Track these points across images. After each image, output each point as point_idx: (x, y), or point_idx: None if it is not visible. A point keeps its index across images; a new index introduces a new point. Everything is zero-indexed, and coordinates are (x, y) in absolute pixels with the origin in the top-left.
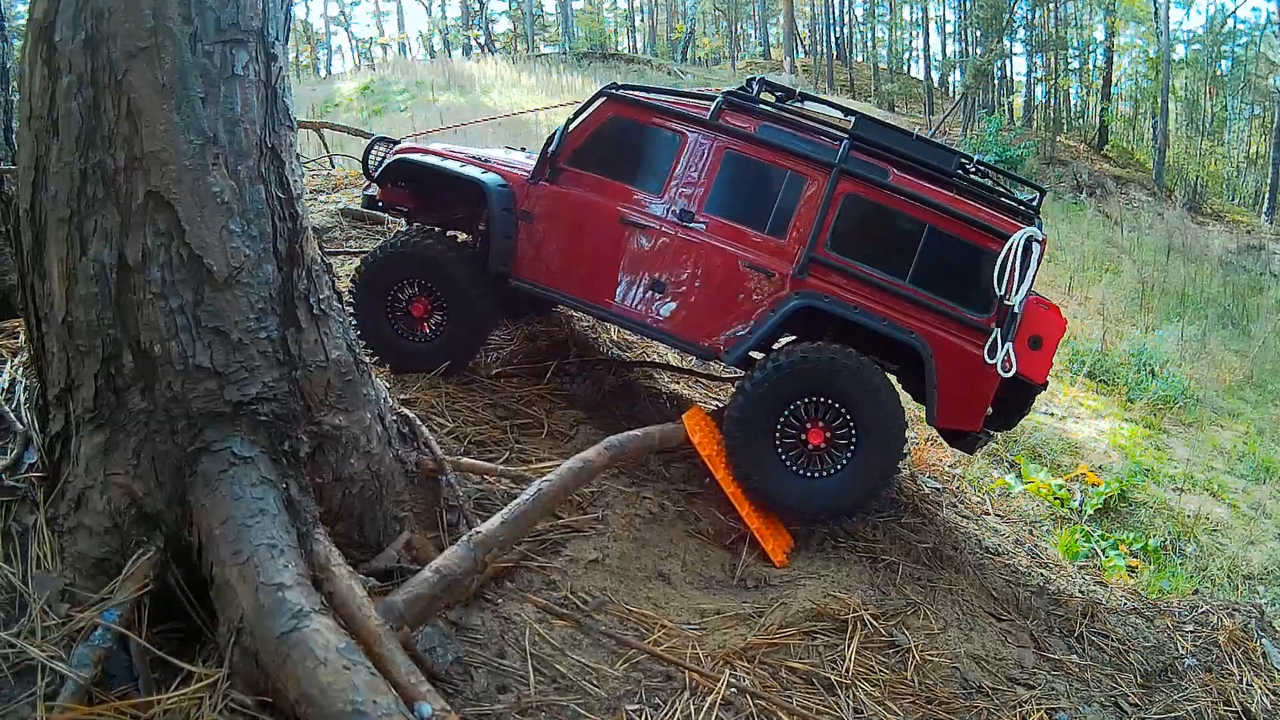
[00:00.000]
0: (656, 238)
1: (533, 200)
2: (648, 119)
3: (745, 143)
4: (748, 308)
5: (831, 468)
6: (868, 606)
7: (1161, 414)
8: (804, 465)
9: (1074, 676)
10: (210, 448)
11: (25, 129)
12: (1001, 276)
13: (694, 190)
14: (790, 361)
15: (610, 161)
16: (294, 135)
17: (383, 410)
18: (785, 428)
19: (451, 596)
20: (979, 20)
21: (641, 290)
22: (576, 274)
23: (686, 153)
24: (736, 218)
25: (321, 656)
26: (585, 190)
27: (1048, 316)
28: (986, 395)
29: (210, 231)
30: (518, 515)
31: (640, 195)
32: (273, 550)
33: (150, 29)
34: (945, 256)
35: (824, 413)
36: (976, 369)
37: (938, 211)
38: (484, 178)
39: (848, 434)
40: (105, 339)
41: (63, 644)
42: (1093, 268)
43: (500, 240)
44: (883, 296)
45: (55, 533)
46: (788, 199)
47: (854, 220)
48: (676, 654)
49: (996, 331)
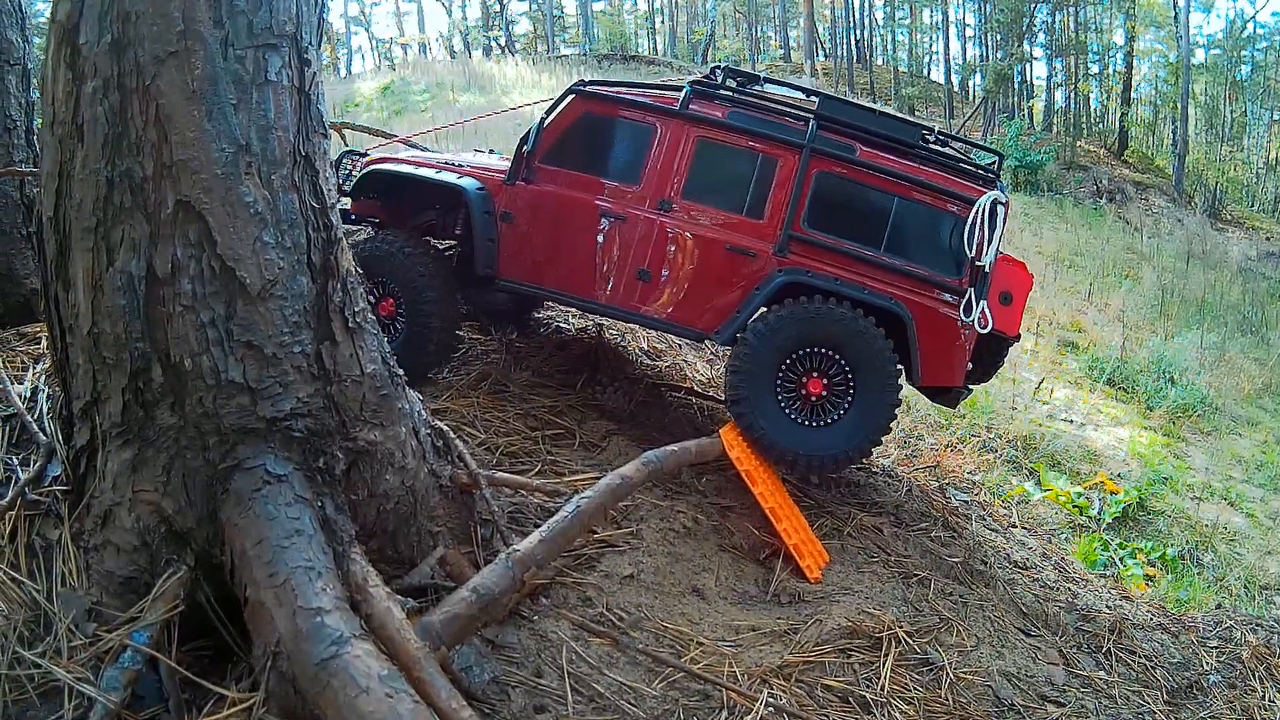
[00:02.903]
0: (637, 228)
1: (512, 201)
2: (618, 113)
3: (716, 129)
4: (733, 288)
5: (833, 415)
6: (901, 623)
7: (1180, 422)
8: (805, 414)
9: (1102, 694)
10: (243, 465)
11: (48, 133)
12: (971, 239)
13: (670, 179)
14: (788, 313)
15: (585, 157)
16: (328, 142)
17: (417, 424)
18: (785, 379)
19: (489, 616)
20: (999, 24)
21: (627, 280)
22: (561, 269)
23: (660, 143)
24: (714, 202)
25: (363, 684)
26: (563, 187)
27: (1015, 272)
28: (966, 352)
29: (243, 243)
30: (556, 532)
31: (618, 187)
32: (310, 572)
33: (180, 32)
34: (916, 224)
35: (821, 362)
36: (954, 328)
37: (905, 182)
38: (462, 182)
39: (845, 383)
40: (134, 352)
41: (90, 665)
42: (1112, 274)
43: (484, 243)
44: (860, 266)
45: (81, 549)
46: (762, 180)
47: (827, 196)
48: (714, 672)
49: (970, 291)
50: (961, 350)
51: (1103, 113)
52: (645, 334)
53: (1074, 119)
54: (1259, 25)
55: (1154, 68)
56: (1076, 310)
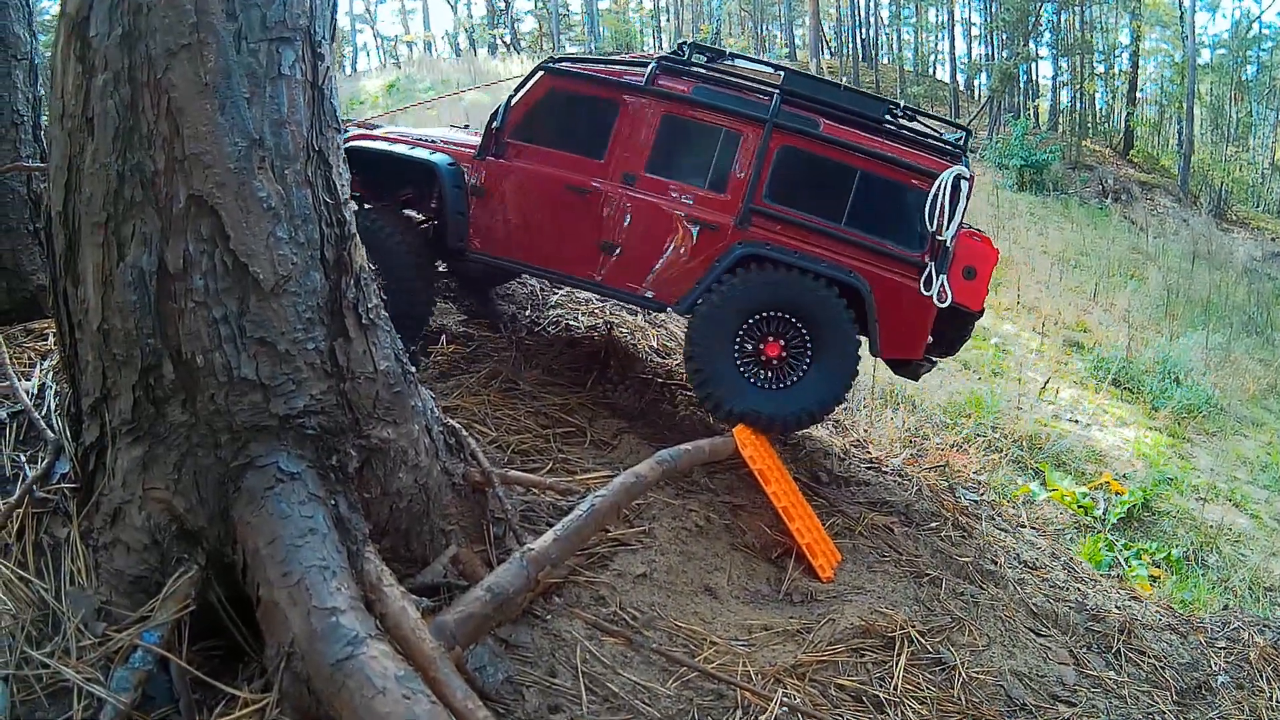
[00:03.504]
0: (602, 202)
1: (482, 175)
2: (586, 89)
3: (681, 105)
4: (694, 260)
5: (790, 378)
6: (914, 623)
7: (1185, 423)
8: (763, 378)
9: (1112, 694)
10: (255, 463)
11: (57, 127)
12: (933, 213)
13: (635, 153)
14: (745, 279)
15: (553, 132)
16: (340, 138)
17: (430, 422)
18: (744, 343)
19: (503, 615)
20: (1005, 23)
21: (592, 252)
22: (529, 242)
23: (625, 118)
24: (678, 176)
25: (380, 685)
26: (531, 162)
27: (980, 248)
28: (925, 325)
29: (256, 238)
30: (570, 531)
31: (584, 161)
32: (324, 572)
33: (192, 25)
34: (878, 198)
35: (778, 326)
36: (914, 301)
37: (867, 156)
38: (434, 158)
39: (802, 346)
40: (144, 348)
41: (99, 665)
42: (1118, 274)
43: (454, 217)
44: (821, 240)
45: (90, 547)
46: (725, 155)
47: (789, 170)
48: (727, 672)
49: (931, 265)
50: (921, 323)
51: (1108, 112)
52: (655, 332)
53: (1079, 118)
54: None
55: (1159, 67)
56: (1082, 310)
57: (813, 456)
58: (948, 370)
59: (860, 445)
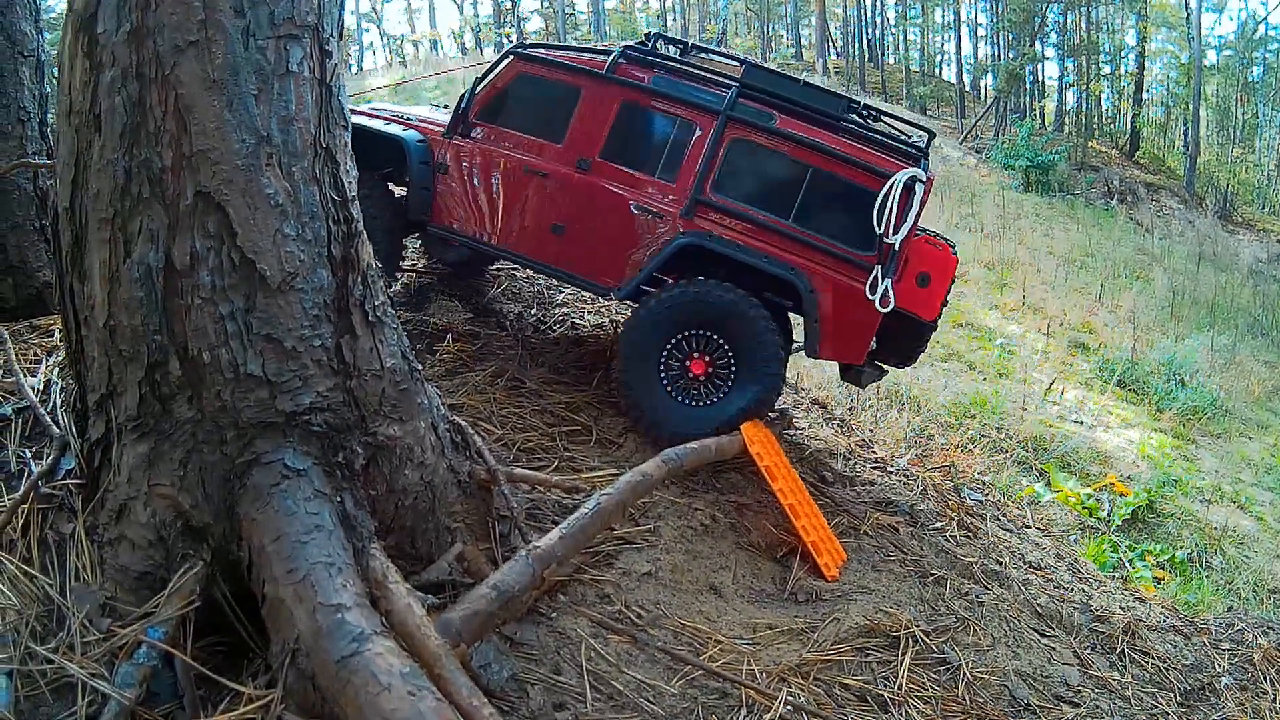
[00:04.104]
0: (556, 184)
1: (447, 154)
2: (551, 74)
3: (639, 93)
4: (638, 247)
5: (713, 396)
6: (918, 623)
7: (1190, 424)
8: (687, 394)
9: (1117, 694)
10: (261, 459)
11: (64, 124)
12: (882, 214)
13: (592, 139)
14: (669, 296)
15: (516, 115)
16: (348, 135)
17: (436, 419)
18: (670, 359)
19: (509, 613)
20: (1011, 24)
21: (542, 233)
22: (485, 220)
23: (585, 104)
24: (630, 163)
25: (385, 682)
26: (492, 143)
27: (938, 255)
28: (868, 329)
29: (263, 235)
30: (576, 529)
31: (542, 145)
32: (330, 569)
33: (200, 21)
34: (828, 196)
35: (704, 344)
36: (857, 303)
37: (820, 153)
38: (404, 134)
39: (727, 365)
40: (150, 344)
41: (104, 661)
42: (1123, 275)
43: (418, 191)
44: (768, 235)
45: (95, 543)
46: (678, 144)
47: (740, 163)
48: (732, 670)
49: (877, 268)
50: (864, 327)
51: (1114, 113)
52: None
53: (1085, 119)
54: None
55: (1165, 68)
56: (1087, 311)
57: (818, 456)
58: (953, 370)
59: (865, 445)
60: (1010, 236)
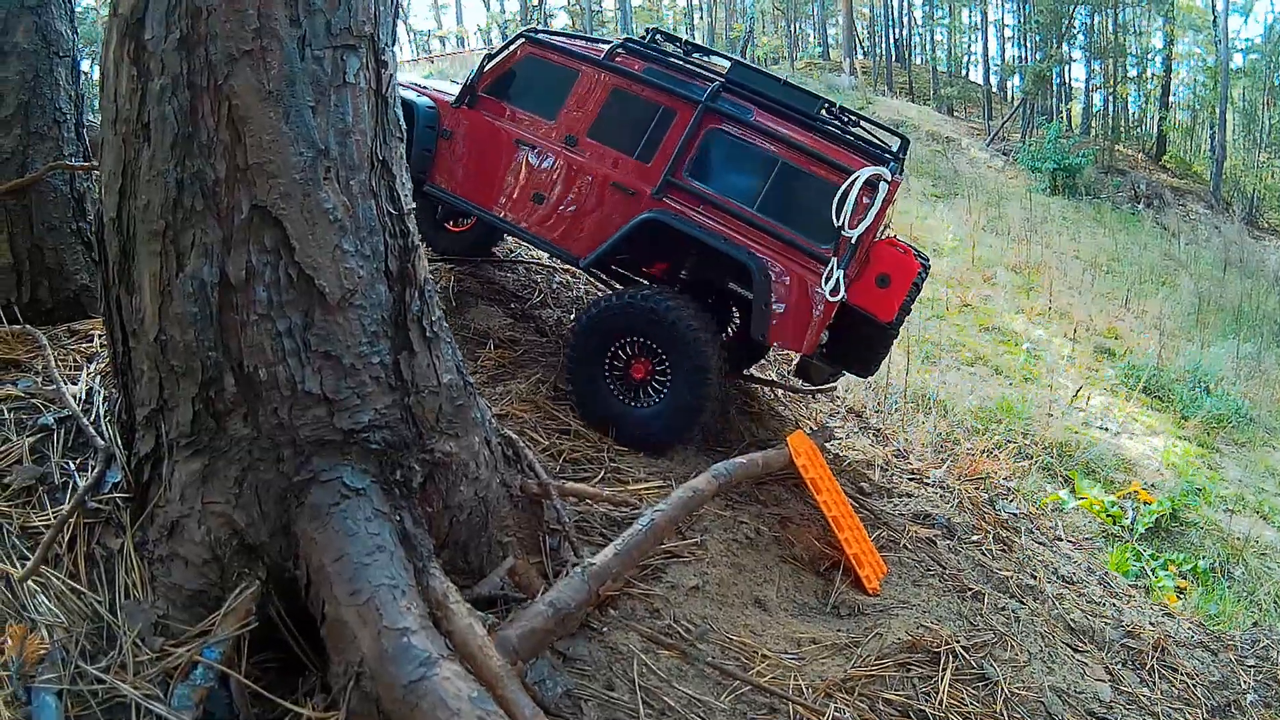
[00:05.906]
0: (543, 157)
1: (452, 121)
2: (554, 58)
3: (630, 80)
4: (607, 221)
5: (653, 399)
6: (958, 638)
7: (1215, 433)
8: (628, 396)
9: (1146, 710)
10: (319, 478)
11: (110, 131)
12: (841, 208)
13: (582, 119)
14: (608, 304)
15: (518, 92)
16: (403, 146)
17: (489, 433)
18: (613, 363)
19: (564, 630)
20: (1038, 25)
21: (524, 201)
22: (475, 185)
23: (579, 86)
24: (613, 144)
25: (455, 707)
26: (492, 115)
27: (899, 258)
28: (817, 320)
29: (322, 250)
30: (630, 546)
31: (536, 120)
32: (393, 590)
33: (255, 30)
34: (793, 188)
35: (644, 351)
36: (807, 291)
37: (788, 146)
38: (417, 100)
39: (665, 371)
40: (205, 361)
41: (157, 681)
42: (1150, 280)
43: (420, 151)
44: (732, 221)
45: (145, 560)
46: (658, 129)
47: (714, 151)
48: (779, 685)
49: (833, 260)
50: (811, 315)
51: (1141, 116)
52: None
53: (1112, 122)
54: None
55: (1192, 71)
56: (1114, 316)
57: (856, 467)
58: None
59: (901, 455)
60: (1037, 240)
